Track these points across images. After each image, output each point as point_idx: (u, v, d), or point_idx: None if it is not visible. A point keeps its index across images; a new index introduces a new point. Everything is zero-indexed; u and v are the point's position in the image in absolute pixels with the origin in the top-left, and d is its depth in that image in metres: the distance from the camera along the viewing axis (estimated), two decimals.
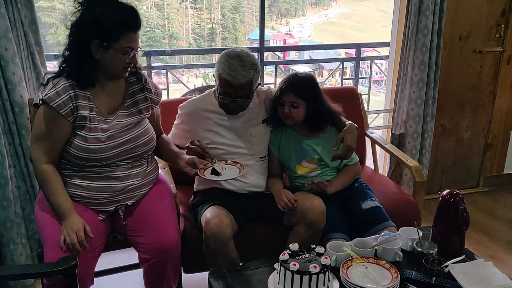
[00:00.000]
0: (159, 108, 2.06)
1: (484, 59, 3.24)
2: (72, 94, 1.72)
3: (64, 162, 1.81)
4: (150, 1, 13.59)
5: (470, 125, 3.40)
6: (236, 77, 1.90)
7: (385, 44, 3.36)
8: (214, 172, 1.89)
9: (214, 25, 14.74)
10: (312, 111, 2.06)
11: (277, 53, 8.76)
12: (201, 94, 2.20)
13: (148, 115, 1.94)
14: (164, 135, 2.12)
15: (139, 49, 1.78)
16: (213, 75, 2.03)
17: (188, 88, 3.27)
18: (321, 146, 2.12)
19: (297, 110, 2.04)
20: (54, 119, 1.72)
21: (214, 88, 2.13)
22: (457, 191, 1.81)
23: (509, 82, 3.36)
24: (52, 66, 2.74)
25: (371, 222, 2.03)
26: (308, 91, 2.06)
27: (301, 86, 2.05)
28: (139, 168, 1.91)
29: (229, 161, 2.00)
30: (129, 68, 1.81)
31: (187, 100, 2.17)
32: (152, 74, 3.49)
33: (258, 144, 2.13)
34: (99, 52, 1.72)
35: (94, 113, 1.78)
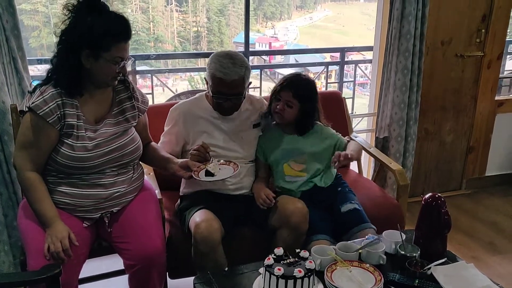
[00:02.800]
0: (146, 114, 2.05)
1: (466, 63, 3.30)
2: (60, 102, 1.71)
3: (49, 169, 1.79)
4: (135, 4, 13.52)
5: (453, 128, 3.45)
6: (229, 74, 1.94)
7: (369, 48, 3.39)
8: (208, 173, 1.89)
9: (199, 28, 14.71)
10: (304, 114, 2.08)
11: (263, 56, 8.79)
12: (192, 97, 2.21)
13: (135, 124, 1.93)
14: (153, 142, 2.11)
15: (128, 58, 1.77)
16: (204, 78, 2.06)
17: (174, 92, 3.27)
18: (309, 142, 2.14)
19: (291, 110, 2.06)
20: (41, 127, 1.71)
21: (204, 92, 2.16)
22: (439, 194, 1.83)
23: (490, 86, 3.43)
24: (37, 70, 2.71)
25: (349, 224, 2.05)
26: (307, 95, 2.07)
27: (302, 88, 2.06)
28: (125, 176, 1.90)
29: (222, 160, 2.00)
30: (118, 77, 1.81)
31: (179, 103, 2.18)
32: (137, 77, 3.47)
33: (247, 148, 2.16)
34: (89, 61, 1.71)
35: (82, 121, 1.77)
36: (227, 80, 1.95)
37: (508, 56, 4.61)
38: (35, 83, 2.51)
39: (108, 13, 1.71)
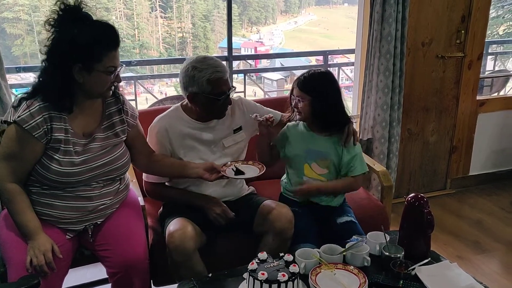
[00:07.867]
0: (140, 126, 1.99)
1: (447, 64, 3.34)
2: (47, 115, 1.66)
3: (32, 179, 1.74)
4: (119, 11, 13.45)
5: (436, 129, 3.48)
6: (223, 70, 1.95)
7: (351, 51, 3.41)
8: (239, 172, 1.96)
9: (184, 34, 14.68)
10: (319, 107, 2.01)
11: (249, 60, 8.79)
12: (168, 111, 2.10)
13: (124, 138, 1.88)
14: (156, 153, 2.03)
15: (120, 65, 1.72)
16: (190, 93, 1.95)
17: (156, 98, 3.26)
18: (334, 148, 2.07)
19: (303, 105, 2.01)
20: (26, 140, 1.66)
21: (180, 103, 2.10)
22: (422, 194, 1.84)
23: (471, 86, 3.46)
24: (20, 78, 2.67)
25: (343, 235, 1.98)
26: (314, 86, 2.01)
27: (308, 81, 2.03)
28: (112, 187, 1.86)
29: (250, 162, 2.06)
30: (113, 87, 1.76)
31: (156, 120, 2.07)
32: (123, 83, 3.45)
33: (233, 154, 2.12)
34: (82, 75, 1.64)
35: (70, 135, 1.71)
36: (225, 76, 1.95)
37: (488, 57, 4.69)
38: (17, 92, 2.46)
39: (93, 23, 1.65)
